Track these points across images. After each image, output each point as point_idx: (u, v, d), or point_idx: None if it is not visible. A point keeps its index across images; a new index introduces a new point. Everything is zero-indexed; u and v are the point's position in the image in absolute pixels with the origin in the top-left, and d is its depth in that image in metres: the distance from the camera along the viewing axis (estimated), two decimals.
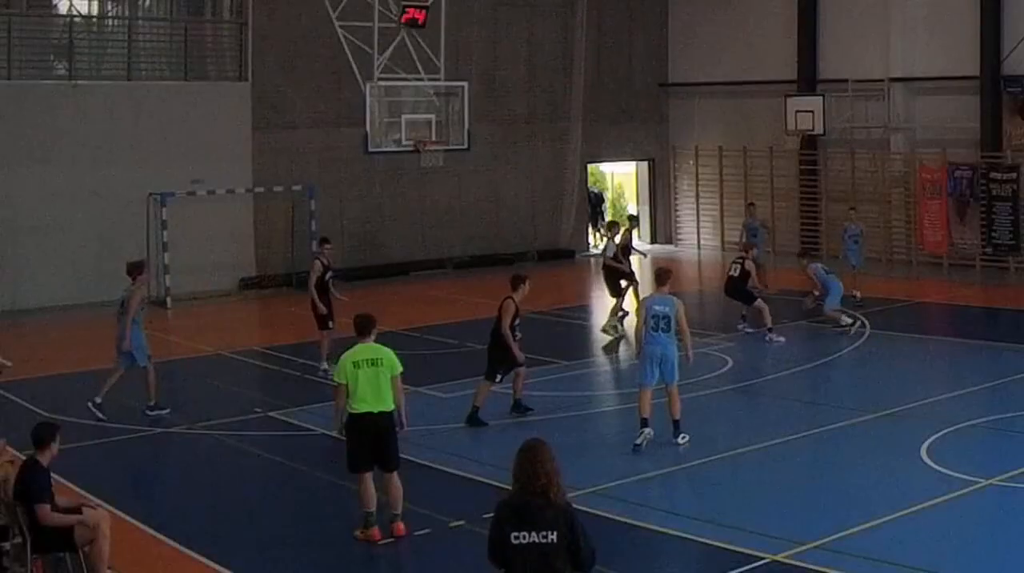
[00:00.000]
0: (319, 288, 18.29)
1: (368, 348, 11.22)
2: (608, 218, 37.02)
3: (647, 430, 13.91)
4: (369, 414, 10.99)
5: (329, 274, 18.60)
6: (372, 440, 11.05)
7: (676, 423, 14.15)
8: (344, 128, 28.13)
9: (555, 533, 6.56)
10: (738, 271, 21.02)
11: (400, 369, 11.24)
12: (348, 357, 11.14)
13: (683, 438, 14.08)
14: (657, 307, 14.02)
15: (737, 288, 21.12)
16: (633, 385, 17.34)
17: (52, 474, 9.88)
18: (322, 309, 18.20)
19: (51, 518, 9.54)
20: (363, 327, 11.39)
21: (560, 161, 33.37)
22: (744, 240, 25.76)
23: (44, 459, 9.73)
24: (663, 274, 14.61)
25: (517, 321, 15.21)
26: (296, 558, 10.91)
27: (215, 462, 14.43)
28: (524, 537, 6.56)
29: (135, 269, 16.55)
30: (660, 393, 14.16)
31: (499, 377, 15.31)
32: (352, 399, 11.01)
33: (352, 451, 11.13)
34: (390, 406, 11.09)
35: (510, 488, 6.86)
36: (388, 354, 11.24)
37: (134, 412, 16.25)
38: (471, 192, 31.64)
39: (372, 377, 11.03)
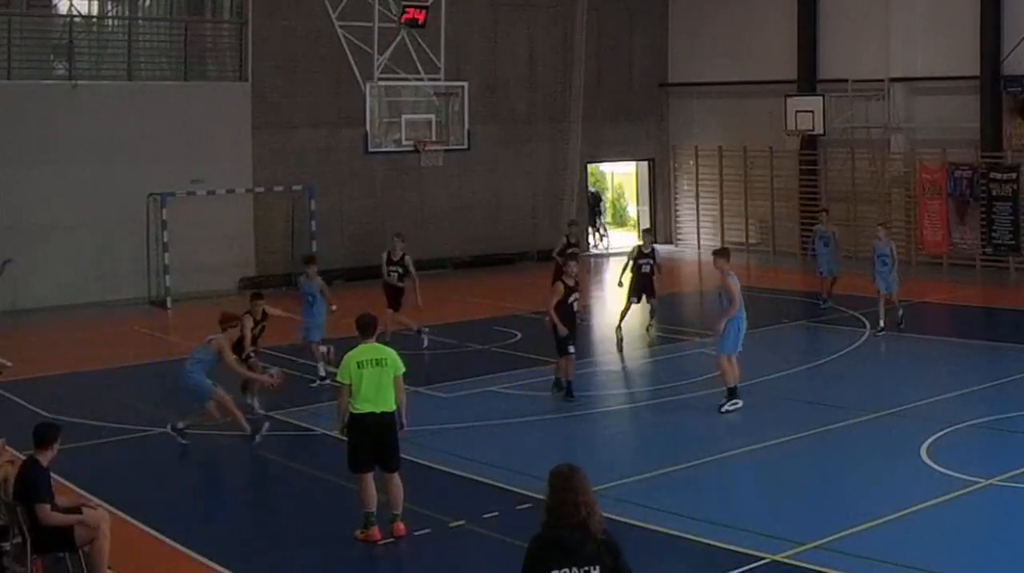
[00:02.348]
0: None
1: (371, 348, 11.22)
2: (608, 218, 37.08)
3: (740, 401, 15.63)
4: (371, 414, 10.98)
5: None
6: (373, 440, 11.05)
7: (733, 390, 15.71)
8: (344, 128, 28.13)
9: (598, 567, 6.13)
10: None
11: (403, 369, 11.24)
12: (351, 357, 11.14)
13: (735, 404, 15.60)
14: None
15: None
16: (631, 385, 17.41)
17: (52, 474, 9.87)
18: None
19: (51, 518, 9.53)
20: (365, 327, 11.38)
21: (560, 161, 33.37)
22: (813, 247, 24.25)
23: (44, 459, 9.73)
24: (728, 251, 16.53)
25: (574, 298, 16.21)
26: (296, 558, 10.91)
27: (215, 462, 14.42)
28: None
29: (228, 321, 15.19)
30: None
31: (571, 349, 16.25)
32: (355, 399, 11.00)
33: (353, 451, 11.13)
34: (392, 406, 11.09)
35: (541, 519, 6.31)
36: (391, 354, 11.24)
37: (134, 412, 16.25)
38: (471, 192, 31.63)
39: (375, 377, 11.02)
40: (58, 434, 9.97)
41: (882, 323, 20.67)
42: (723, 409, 15.54)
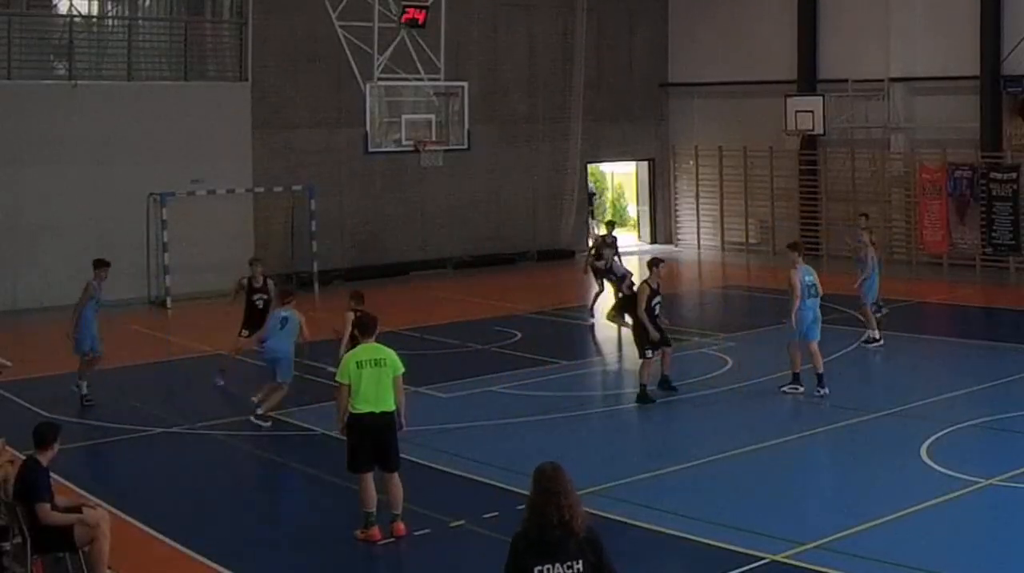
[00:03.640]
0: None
1: (371, 348, 11.21)
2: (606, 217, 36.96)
3: (801, 387, 16.22)
4: (371, 414, 10.97)
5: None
6: (373, 440, 11.04)
7: (820, 377, 16.15)
8: (344, 128, 28.14)
9: (581, 562, 6.22)
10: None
11: (402, 369, 11.23)
12: (351, 357, 11.13)
13: (824, 391, 16.00)
14: (807, 278, 16.28)
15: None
16: (631, 386, 17.38)
17: (52, 474, 9.87)
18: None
19: (51, 517, 9.53)
20: (366, 327, 11.38)
21: (560, 161, 33.38)
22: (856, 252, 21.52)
23: (44, 459, 9.72)
24: (799, 245, 17.45)
25: (656, 301, 16.37)
26: (296, 558, 10.91)
27: (215, 462, 14.42)
28: (548, 570, 6.19)
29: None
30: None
31: (649, 353, 16.26)
32: (354, 399, 10.98)
33: (353, 451, 11.12)
34: (391, 406, 11.08)
35: (525, 516, 6.36)
36: (391, 354, 11.22)
37: (134, 412, 16.25)
38: (471, 192, 31.64)
39: (375, 377, 11.01)
40: (58, 434, 9.96)
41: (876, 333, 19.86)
42: (782, 389, 16.30)
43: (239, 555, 10.86)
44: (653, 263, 16.79)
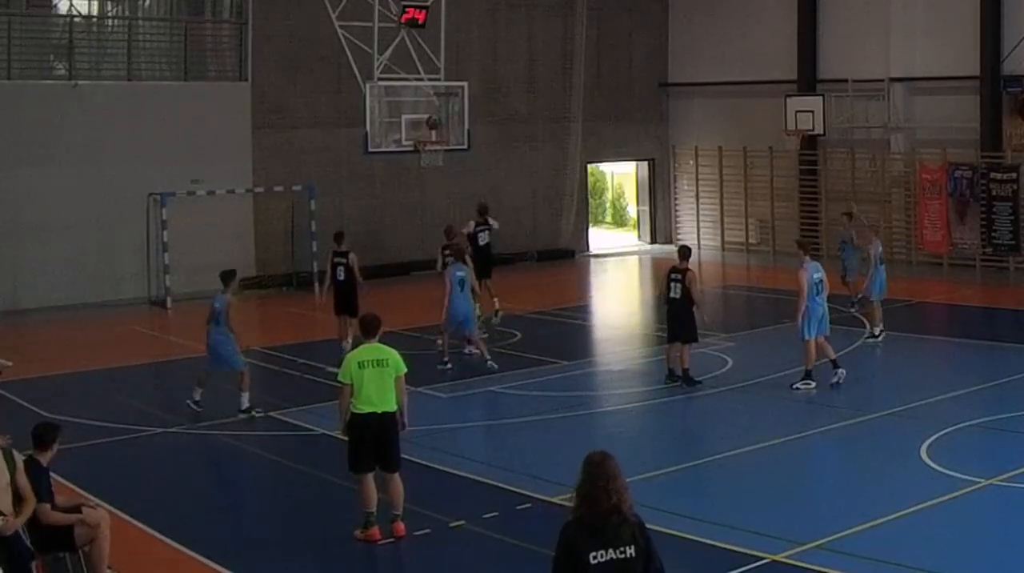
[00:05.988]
0: None
1: (373, 348, 11.19)
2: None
3: (840, 371, 16.66)
4: (373, 414, 10.96)
5: None
6: (374, 440, 11.03)
7: (834, 362, 16.73)
8: (344, 128, 28.13)
9: (633, 548, 6.40)
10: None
11: (405, 370, 11.20)
12: (353, 357, 11.12)
13: (840, 372, 16.63)
14: (816, 275, 16.65)
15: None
16: (631, 385, 17.41)
17: (52, 474, 9.87)
18: None
19: (51, 517, 9.53)
20: (368, 327, 11.35)
21: (560, 161, 33.37)
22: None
23: (44, 459, 9.73)
24: (807, 243, 18.28)
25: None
26: (296, 558, 10.91)
27: (215, 462, 14.43)
28: (603, 555, 6.33)
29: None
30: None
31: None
32: (356, 399, 10.97)
33: (354, 451, 11.11)
34: (393, 407, 11.06)
35: (573, 505, 6.49)
36: (393, 355, 11.19)
37: (134, 412, 16.25)
38: (471, 192, 31.60)
39: (377, 377, 10.99)
40: (58, 434, 9.96)
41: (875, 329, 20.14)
42: (794, 386, 16.57)
43: (239, 555, 10.86)
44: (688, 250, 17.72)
